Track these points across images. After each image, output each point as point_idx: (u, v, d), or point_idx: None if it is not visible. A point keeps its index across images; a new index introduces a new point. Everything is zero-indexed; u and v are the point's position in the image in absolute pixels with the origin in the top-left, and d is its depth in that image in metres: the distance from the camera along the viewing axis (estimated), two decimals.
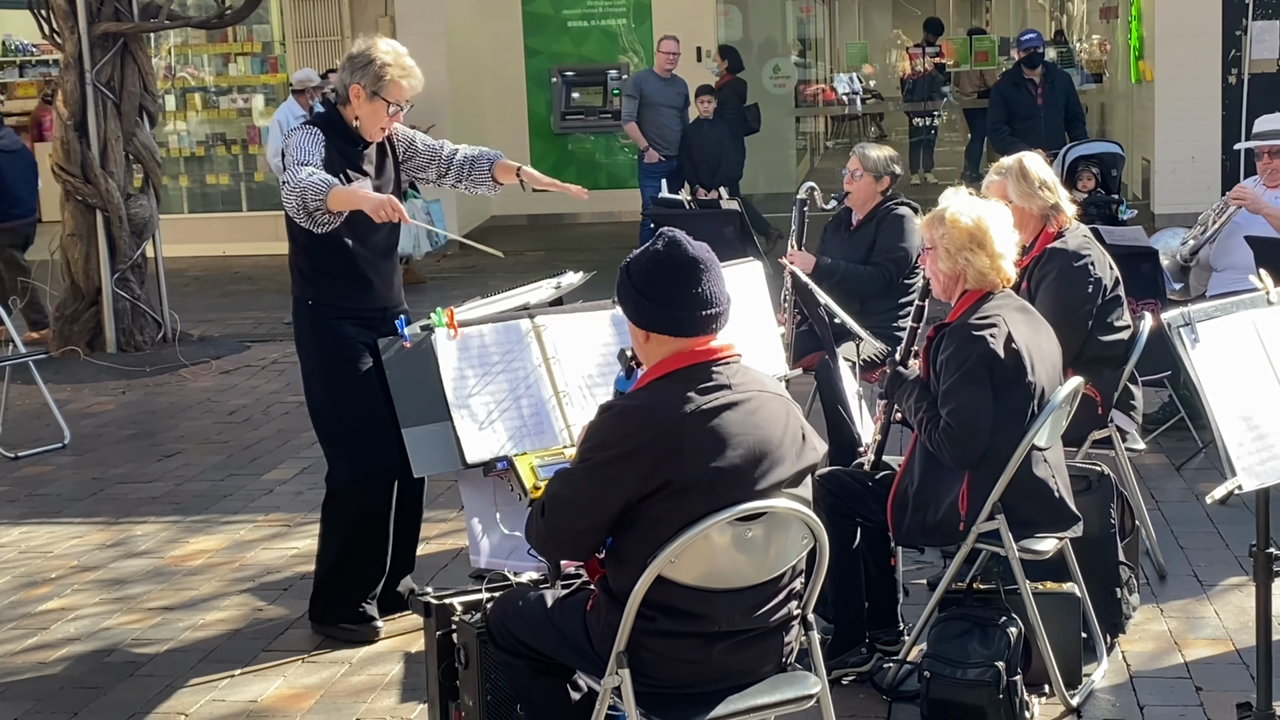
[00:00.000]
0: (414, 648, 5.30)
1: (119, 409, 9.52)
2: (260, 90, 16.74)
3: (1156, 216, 14.01)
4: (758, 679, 3.68)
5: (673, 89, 13.21)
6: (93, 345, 10.90)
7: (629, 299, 3.62)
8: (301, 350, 5.45)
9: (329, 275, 5.31)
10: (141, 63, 11.05)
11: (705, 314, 3.55)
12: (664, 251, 3.57)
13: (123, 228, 10.91)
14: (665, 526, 3.45)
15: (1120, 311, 5.65)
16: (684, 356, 3.57)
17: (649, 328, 3.59)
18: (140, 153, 11.08)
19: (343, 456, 5.40)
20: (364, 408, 5.24)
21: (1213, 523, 6.30)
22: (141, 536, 6.83)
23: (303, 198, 4.98)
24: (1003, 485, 4.48)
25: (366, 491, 5.39)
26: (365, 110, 5.24)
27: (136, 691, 5.12)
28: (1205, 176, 14.19)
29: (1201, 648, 5.10)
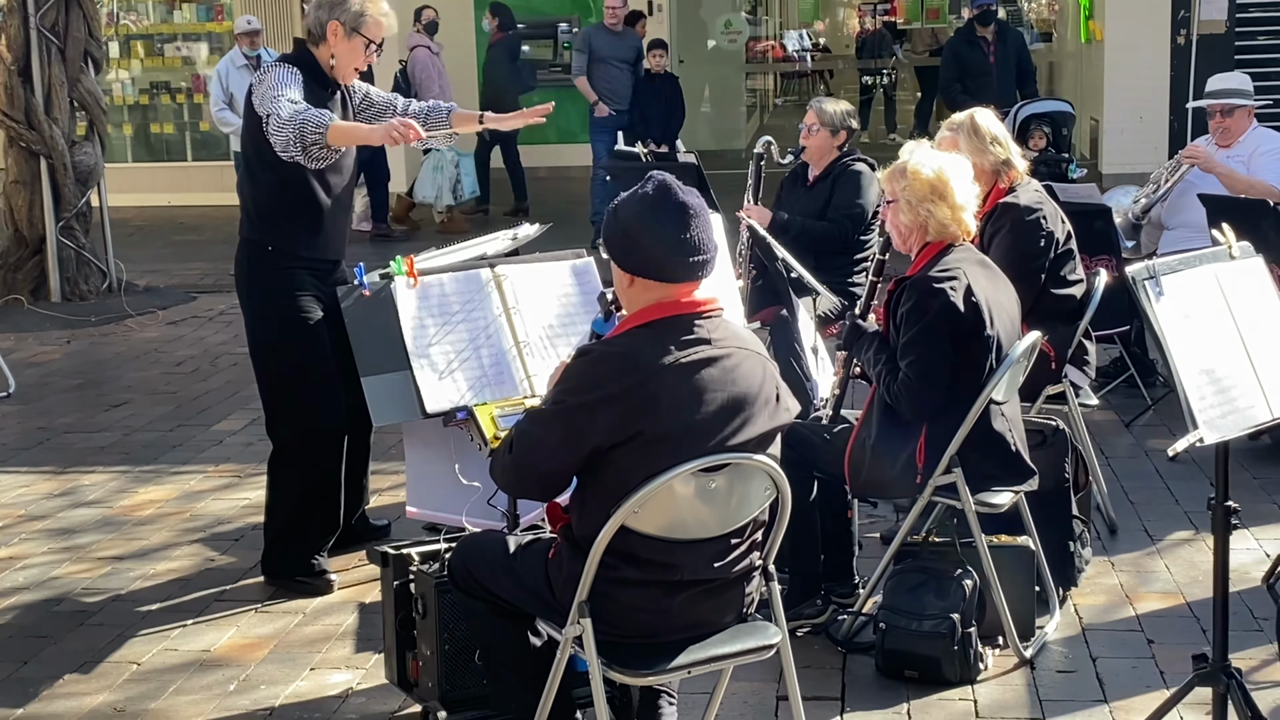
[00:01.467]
0: (368, 598, 5.28)
1: (64, 359, 9.42)
2: (205, 38, 16.51)
3: (1104, 176, 14.06)
4: (719, 629, 3.67)
5: (625, 43, 13.12)
6: (37, 294, 10.81)
7: (615, 241, 3.56)
8: (250, 296, 5.36)
9: (291, 221, 5.23)
10: (87, 8, 10.91)
11: (693, 260, 3.50)
12: (654, 195, 3.52)
13: (67, 175, 10.79)
14: (632, 476, 3.42)
15: (1073, 265, 5.67)
16: (667, 306, 3.53)
17: (634, 271, 3.54)
18: (85, 99, 10.94)
19: (289, 408, 5.34)
20: (314, 359, 5.20)
21: (1162, 478, 6.36)
22: (90, 486, 6.76)
23: (301, 130, 4.88)
24: (960, 439, 4.50)
25: (316, 446, 5.34)
26: (343, 48, 5.15)
27: (87, 640, 5.07)
28: (1153, 136, 14.27)
29: (1152, 601, 5.14)
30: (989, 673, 4.61)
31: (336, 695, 4.61)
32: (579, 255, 4.92)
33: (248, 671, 4.79)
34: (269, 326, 5.31)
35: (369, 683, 4.66)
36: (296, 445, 5.35)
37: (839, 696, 4.51)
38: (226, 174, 13.63)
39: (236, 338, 9.74)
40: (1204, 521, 5.70)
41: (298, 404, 5.30)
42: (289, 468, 5.39)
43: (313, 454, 5.35)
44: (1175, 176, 7.35)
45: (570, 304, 4.77)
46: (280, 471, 5.43)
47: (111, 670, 4.83)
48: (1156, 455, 6.63)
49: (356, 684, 4.67)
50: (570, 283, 4.82)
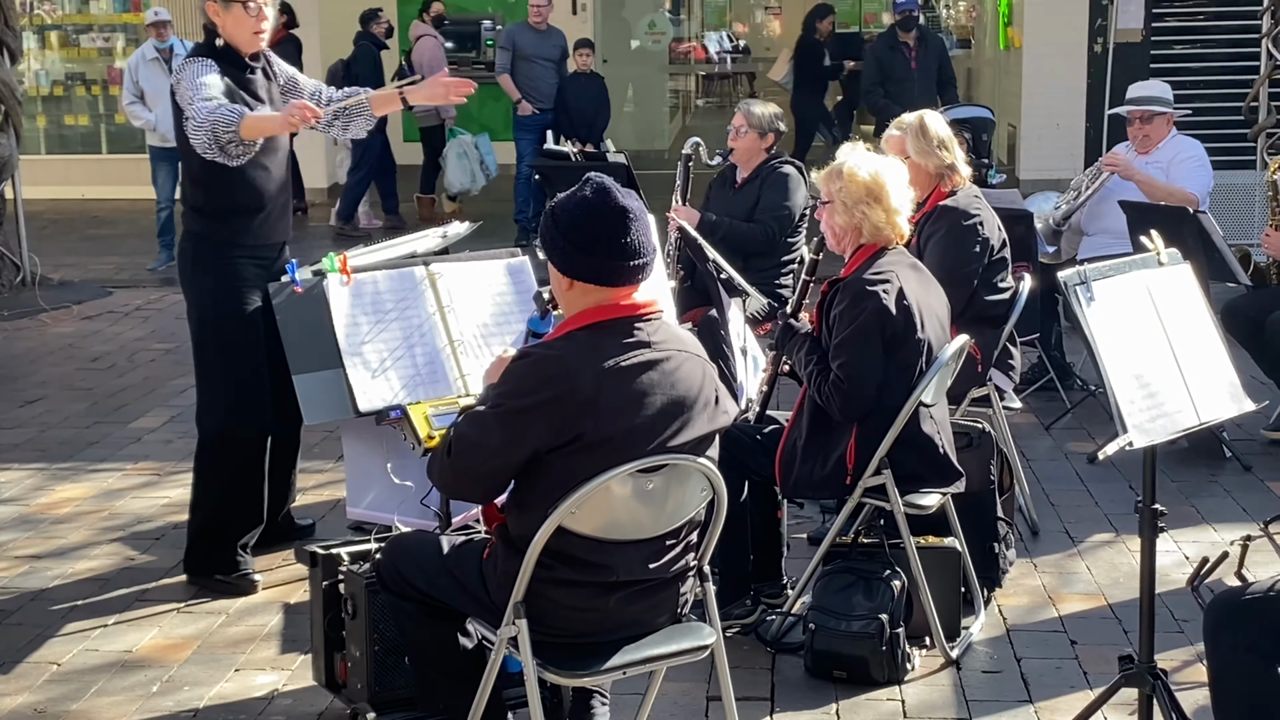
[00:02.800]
0: (294, 599, 5.22)
1: None
2: (121, 30, 16.27)
3: (1022, 181, 14.20)
4: (653, 629, 3.67)
5: (549, 41, 13.09)
6: None
7: (555, 245, 3.54)
8: (192, 287, 5.29)
9: (232, 211, 5.17)
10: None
11: (633, 264, 3.49)
12: (593, 198, 3.50)
13: None
14: (571, 478, 3.42)
15: (1005, 273, 5.74)
16: (606, 309, 3.52)
17: (574, 275, 3.52)
18: (0, 90, 10.74)
19: (220, 400, 5.29)
20: (245, 355, 5.15)
21: (1081, 480, 6.44)
22: (5, 483, 6.64)
23: (214, 131, 4.86)
24: (890, 440, 4.53)
25: (238, 440, 5.30)
26: (228, 22, 5.09)
27: (5, 640, 4.98)
28: (1070, 143, 14.44)
29: (1074, 602, 5.20)
30: (916, 673, 4.65)
31: (262, 696, 4.56)
32: (513, 254, 4.91)
33: (171, 672, 4.73)
34: (207, 318, 5.25)
35: (295, 684, 4.62)
36: (221, 438, 5.30)
37: (768, 697, 4.52)
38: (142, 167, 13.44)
39: (154, 333, 9.63)
40: (1124, 524, 5.84)
41: (226, 397, 5.25)
42: (213, 461, 5.34)
43: (236, 448, 5.31)
44: (1095, 183, 7.45)
45: (505, 303, 4.76)
46: (205, 465, 5.37)
47: (31, 671, 4.75)
48: (1075, 458, 6.71)
49: (282, 685, 4.63)
50: (505, 282, 4.81)
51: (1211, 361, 3.75)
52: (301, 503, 6.05)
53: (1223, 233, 6.71)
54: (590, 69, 13.00)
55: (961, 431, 5.12)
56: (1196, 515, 6.01)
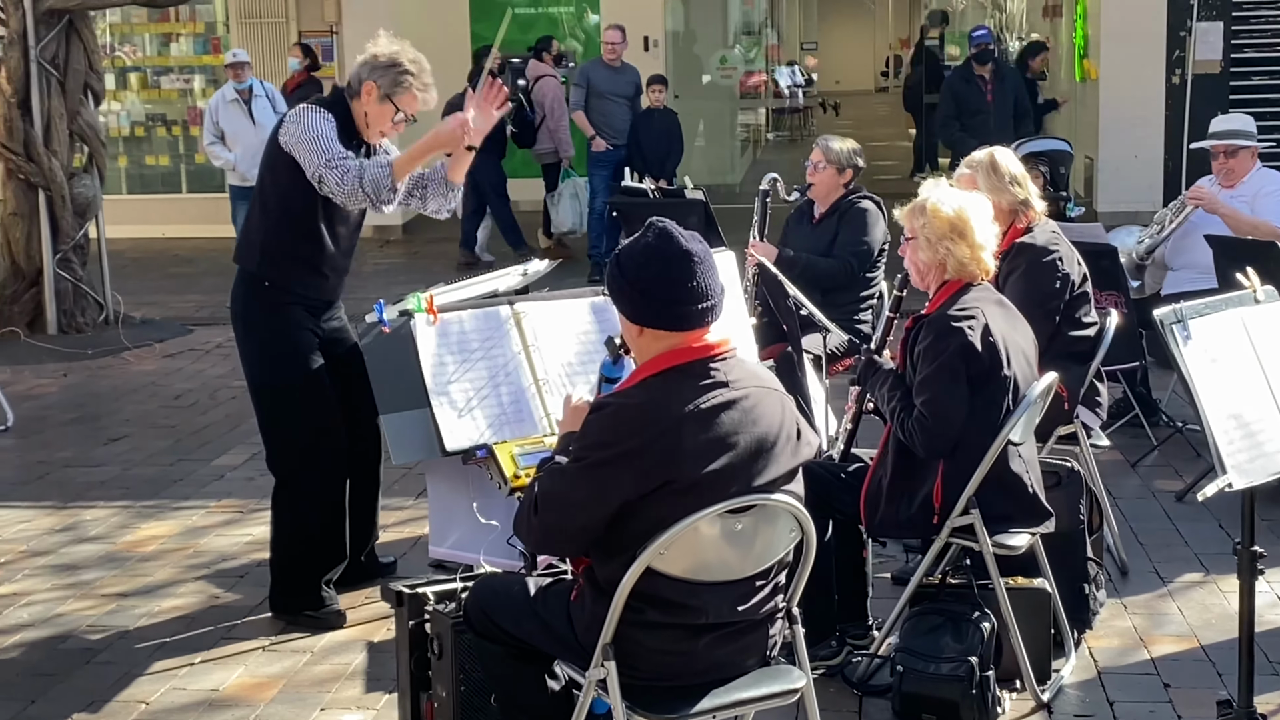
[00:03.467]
0: (377, 637, 5.23)
1: (61, 392, 9.37)
2: (201, 71, 16.53)
3: (1099, 214, 14.07)
4: (742, 672, 3.64)
5: (622, 78, 13.15)
6: (33, 326, 10.75)
7: (621, 293, 3.54)
8: (246, 329, 5.33)
9: (294, 260, 5.22)
10: (87, 40, 10.91)
11: (701, 307, 3.48)
12: (656, 244, 3.50)
13: (65, 207, 10.77)
14: (661, 524, 3.40)
15: (1088, 307, 5.67)
16: (680, 353, 3.50)
17: (643, 322, 3.51)
18: (84, 132, 10.93)
19: (287, 444, 5.31)
20: (310, 395, 5.17)
21: (1170, 519, 6.34)
22: (91, 521, 6.71)
23: (374, 187, 4.92)
24: (978, 479, 4.48)
25: (315, 481, 5.32)
26: (374, 110, 5.17)
27: (94, 679, 5.02)
28: (1148, 175, 14.33)
29: (1167, 644, 5.12)
30: (1006, 716, 4.59)
31: None
32: (597, 293, 4.91)
33: (257, 711, 4.75)
34: (264, 361, 5.29)
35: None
36: (297, 480, 5.33)
37: None
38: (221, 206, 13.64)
39: (234, 370, 9.66)
40: (1215, 564, 5.75)
41: (295, 440, 5.28)
42: (291, 502, 5.37)
43: (313, 488, 5.33)
44: (1180, 217, 7.38)
45: (589, 341, 4.76)
46: (283, 506, 5.41)
47: (120, 710, 4.79)
48: (1164, 496, 6.61)
49: None
50: (590, 320, 4.81)
51: None
52: (384, 540, 6.06)
53: None
54: (663, 105, 13.03)
55: (1050, 470, 5.06)
56: None
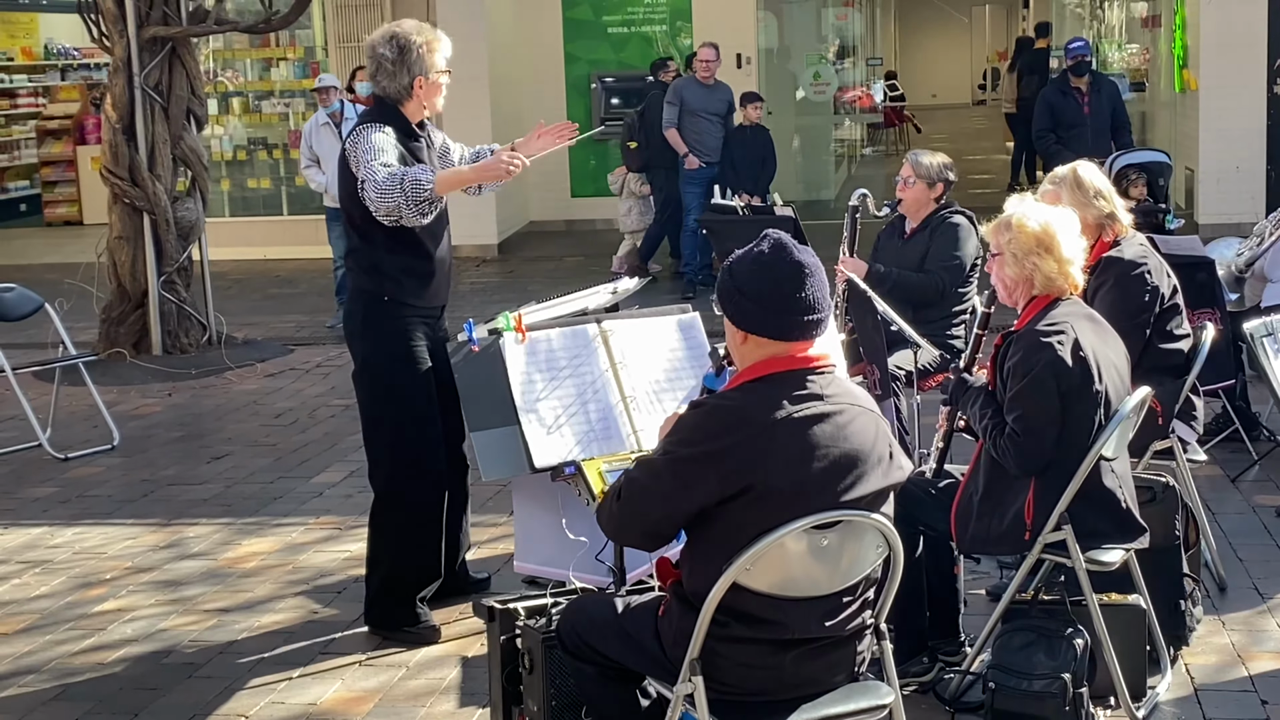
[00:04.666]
0: (470, 652, 5.29)
1: (166, 411, 9.55)
2: (301, 95, 16.80)
3: (1200, 226, 13.90)
4: (830, 688, 3.64)
5: (715, 95, 13.18)
6: (139, 347, 10.94)
7: (731, 299, 3.57)
8: (364, 343, 5.39)
9: (406, 273, 5.30)
10: (189, 67, 11.10)
11: (808, 319, 3.51)
12: (769, 254, 3.53)
13: (169, 231, 10.96)
14: (743, 532, 3.42)
15: (1179, 320, 5.61)
16: (780, 361, 3.53)
17: (749, 329, 3.55)
18: (187, 156, 11.13)
19: (396, 454, 5.38)
20: (423, 405, 5.25)
21: (1270, 535, 6.25)
22: (194, 538, 6.85)
23: (409, 195, 4.97)
24: (1070, 495, 4.45)
25: (418, 490, 5.39)
26: (429, 92, 5.29)
27: (195, 693, 5.12)
28: (1250, 186, 14.11)
29: (1265, 661, 5.05)
30: None
31: None
32: (684, 310, 4.94)
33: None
34: (382, 373, 5.34)
35: None
36: (400, 491, 5.40)
37: None
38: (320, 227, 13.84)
39: (334, 389, 9.85)
40: None
41: (405, 449, 5.34)
42: (391, 515, 5.44)
43: (415, 499, 5.40)
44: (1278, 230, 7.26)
45: (676, 359, 4.79)
46: (382, 519, 5.47)
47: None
48: (1264, 511, 6.51)
49: None
50: (676, 338, 4.84)
51: None
52: (476, 556, 6.13)
53: None
54: (757, 122, 13.05)
55: (1144, 485, 5.01)
56: None
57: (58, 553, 6.71)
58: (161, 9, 10.84)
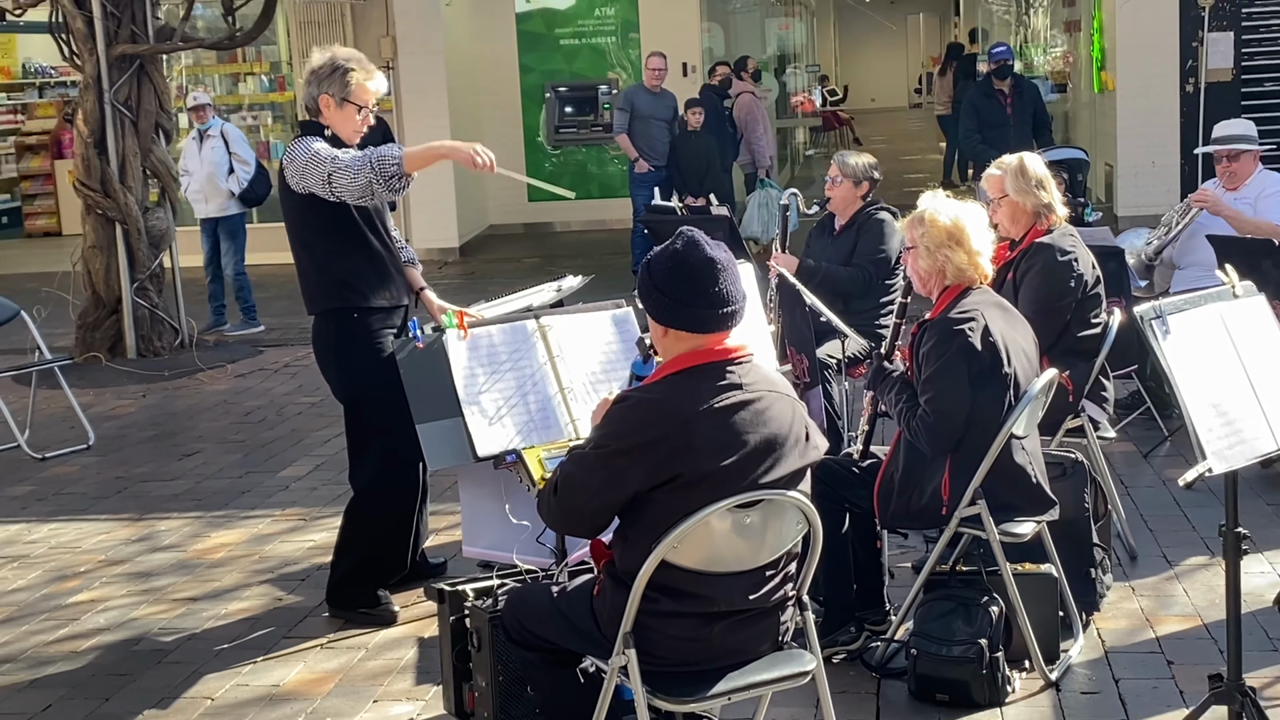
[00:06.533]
0: (427, 633, 5.29)
1: (140, 411, 9.51)
2: (269, 108, 16.74)
3: (1119, 218, 14.03)
4: (756, 657, 3.68)
5: (662, 102, 13.23)
6: (114, 351, 10.89)
7: (649, 296, 3.59)
8: (339, 360, 5.32)
9: (360, 274, 5.25)
10: (157, 83, 11.06)
11: (722, 312, 3.53)
12: (683, 251, 3.55)
13: (141, 239, 10.91)
14: (672, 515, 3.45)
15: (1098, 309, 5.68)
16: (700, 355, 3.56)
17: (668, 324, 3.57)
18: (157, 168, 11.09)
19: (380, 455, 5.36)
20: (396, 418, 5.21)
21: (1179, 506, 6.32)
22: (165, 531, 6.83)
23: (379, 169, 4.91)
24: (983, 472, 4.50)
25: (398, 493, 5.40)
26: (336, 118, 5.21)
27: (164, 678, 5.11)
28: (1165, 180, 14.23)
29: (1172, 624, 5.11)
30: (1016, 695, 4.59)
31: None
32: (618, 305, 4.95)
33: (315, 705, 4.82)
34: (361, 384, 5.29)
35: (429, 714, 4.68)
36: (374, 496, 5.40)
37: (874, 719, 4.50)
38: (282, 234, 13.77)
39: (301, 388, 9.83)
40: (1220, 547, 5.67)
41: (389, 457, 5.32)
42: (370, 513, 5.44)
43: (394, 500, 5.41)
44: (1185, 219, 7.35)
45: (611, 351, 4.80)
46: (361, 516, 5.46)
47: (188, 706, 4.87)
48: (1173, 484, 6.57)
49: (417, 715, 4.69)
50: (611, 331, 4.85)
51: None
52: (434, 543, 6.14)
53: None
54: (699, 127, 13.07)
55: (1055, 462, 5.07)
56: None
57: (34, 548, 6.68)
58: (130, 28, 10.78)
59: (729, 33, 19.59)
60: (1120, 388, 7.15)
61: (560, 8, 17.53)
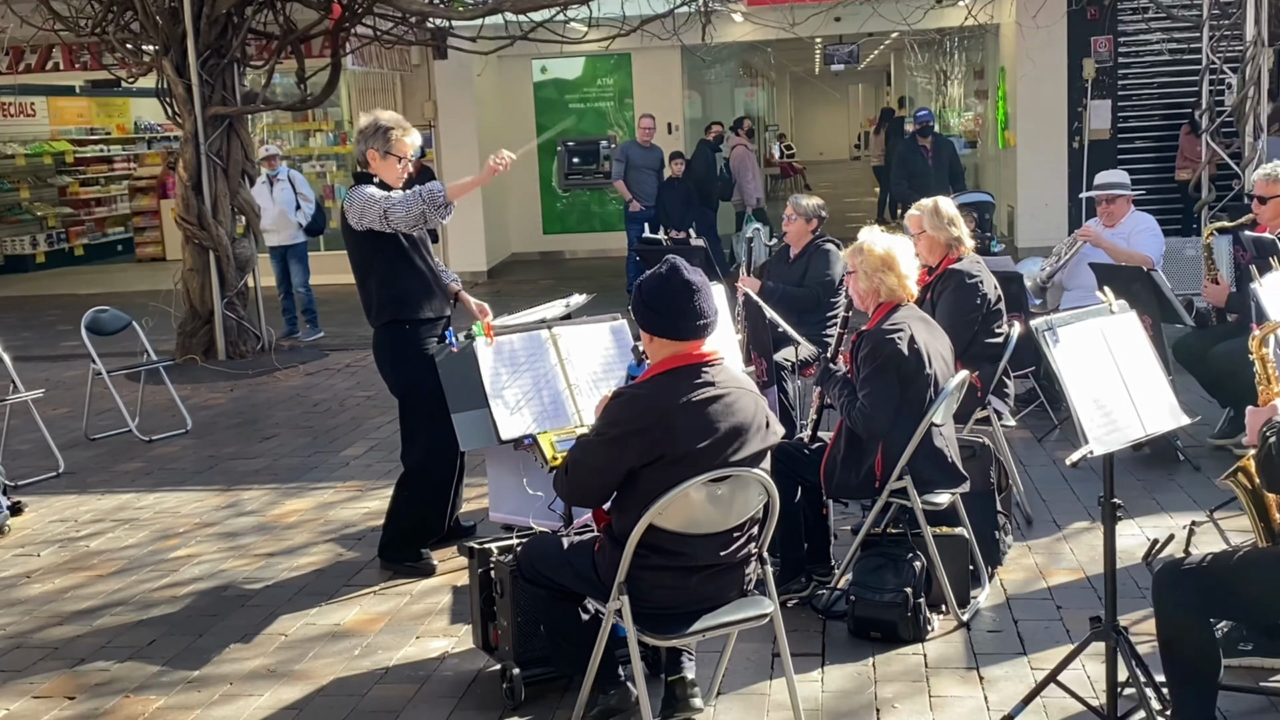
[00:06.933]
0: (459, 583, 5.28)
1: (228, 402, 9.47)
2: (334, 158, 16.70)
3: (1019, 249, 14.02)
4: (725, 602, 3.68)
5: (652, 155, 13.21)
6: (207, 354, 10.88)
7: (640, 310, 3.60)
8: (396, 363, 5.29)
9: (412, 293, 5.23)
10: (243, 137, 11.03)
11: (698, 324, 3.54)
12: (667, 275, 3.57)
13: (230, 264, 10.89)
14: (658, 487, 3.45)
15: (1000, 321, 5.67)
16: (680, 358, 3.56)
17: (654, 333, 3.58)
18: (243, 206, 11.06)
19: (419, 445, 5.34)
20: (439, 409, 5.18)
21: (1067, 481, 6.32)
22: (248, 499, 6.80)
23: (430, 199, 4.95)
24: (909, 453, 4.50)
25: (439, 471, 5.38)
26: (381, 168, 5.20)
27: (247, 618, 5.10)
28: (1056, 219, 14.26)
29: (1061, 576, 5.11)
30: (935, 633, 4.59)
31: (436, 657, 4.62)
32: (615, 319, 4.94)
33: (369, 640, 4.81)
34: (416, 382, 5.26)
35: (461, 647, 4.67)
36: (421, 472, 5.38)
37: (820, 653, 4.49)
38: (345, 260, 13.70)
39: (359, 384, 9.80)
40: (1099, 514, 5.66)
41: (434, 442, 5.28)
42: (416, 488, 5.42)
43: (436, 476, 5.39)
44: (1072, 250, 7.34)
45: (609, 355, 4.78)
46: (409, 488, 5.44)
47: (265, 640, 4.86)
48: (1062, 464, 6.57)
49: (451, 648, 4.68)
50: (610, 340, 4.83)
51: (1153, 387, 3.68)
52: (466, 509, 6.10)
53: (1172, 286, 6.59)
54: (681, 175, 13.06)
55: (966, 445, 5.05)
56: (1156, 506, 5.87)
57: (142, 513, 6.65)
58: (221, 93, 10.75)
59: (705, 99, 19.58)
60: (1019, 385, 7.14)
61: (569, 78, 17.53)
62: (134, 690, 4.46)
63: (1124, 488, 5.96)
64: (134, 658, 4.73)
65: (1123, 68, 14.40)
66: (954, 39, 20.92)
